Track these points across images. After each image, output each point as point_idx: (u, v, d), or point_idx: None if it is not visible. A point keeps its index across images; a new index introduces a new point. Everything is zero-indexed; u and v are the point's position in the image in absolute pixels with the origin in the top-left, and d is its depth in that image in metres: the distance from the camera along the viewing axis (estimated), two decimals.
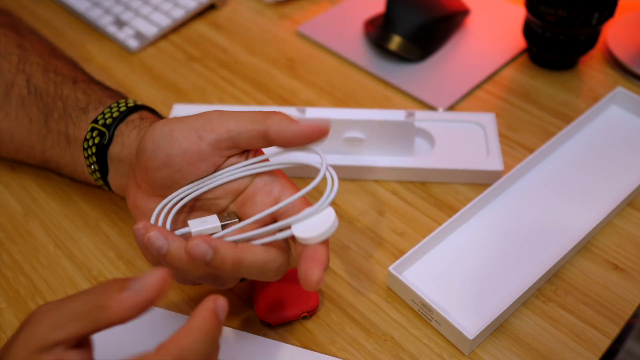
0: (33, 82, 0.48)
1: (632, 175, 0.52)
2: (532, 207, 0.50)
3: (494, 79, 0.63)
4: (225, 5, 0.74)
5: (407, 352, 0.42)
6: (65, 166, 0.48)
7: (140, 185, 0.40)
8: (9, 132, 0.48)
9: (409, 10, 0.63)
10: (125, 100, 0.46)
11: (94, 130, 0.44)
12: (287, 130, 0.38)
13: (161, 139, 0.38)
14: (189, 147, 0.38)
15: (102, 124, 0.44)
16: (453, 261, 0.46)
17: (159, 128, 0.39)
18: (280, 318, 0.43)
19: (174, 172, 0.39)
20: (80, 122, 0.45)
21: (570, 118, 0.57)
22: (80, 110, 0.46)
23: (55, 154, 0.47)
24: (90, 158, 0.45)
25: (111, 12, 0.71)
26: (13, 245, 0.49)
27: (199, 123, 0.38)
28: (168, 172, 0.39)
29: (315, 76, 0.64)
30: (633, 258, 0.47)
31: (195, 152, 0.38)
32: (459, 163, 0.52)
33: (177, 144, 0.38)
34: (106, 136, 0.44)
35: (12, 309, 0.45)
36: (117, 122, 0.44)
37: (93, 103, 0.46)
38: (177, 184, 0.39)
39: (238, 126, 0.38)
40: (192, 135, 0.38)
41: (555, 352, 0.42)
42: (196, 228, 0.38)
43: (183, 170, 0.39)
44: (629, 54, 0.62)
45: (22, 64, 0.49)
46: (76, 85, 0.48)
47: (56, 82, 0.48)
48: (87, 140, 0.44)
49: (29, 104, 0.48)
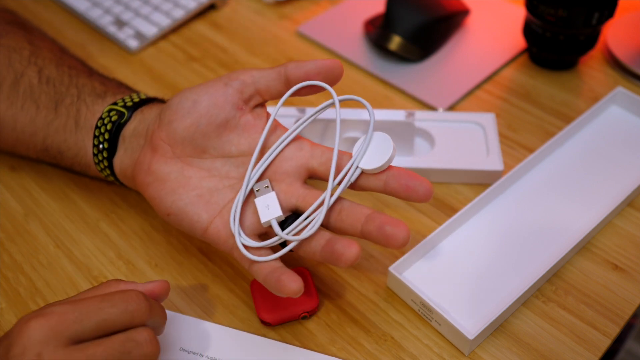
0: (45, 73, 0.49)
1: (632, 175, 0.52)
2: (532, 207, 0.50)
3: (494, 79, 0.63)
4: (225, 5, 0.74)
5: (407, 352, 0.42)
6: (66, 150, 0.48)
7: (157, 148, 0.42)
8: (11, 119, 0.49)
9: (409, 10, 0.63)
10: (145, 94, 0.48)
11: (111, 110, 0.46)
12: (303, 67, 0.41)
13: (189, 92, 0.42)
14: (215, 91, 0.41)
15: (121, 106, 0.46)
16: (453, 261, 0.46)
17: (186, 89, 0.43)
18: (280, 318, 0.43)
19: (200, 116, 0.41)
20: (95, 106, 0.47)
21: (570, 118, 0.57)
22: (97, 96, 0.48)
23: (58, 140, 0.48)
24: (102, 136, 0.45)
25: (111, 12, 0.71)
26: (13, 245, 0.49)
27: (225, 76, 0.42)
28: (194, 118, 0.41)
29: None
30: (633, 258, 0.47)
31: (221, 94, 0.41)
32: (459, 163, 0.52)
33: (204, 90, 0.41)
34: (125, 115, 0.45)
35: (12, 309, 0.45)
36: (138, 105, 0.46)
37: (111, 91, 0.48)
38: (200, 133, 0.41)
39: (260, 72, 0.42)
40: (218, 83, 0.42)
41: (555, 352, 0.42)
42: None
43: (209, 114, 0.41)
44: (629, 54, 0.62)
45: (33, 58, 0.50)
46: (92, 78, 0.49)
47: (71, 74, 0.49)
48: (103, 119, 0.46)
49: (38, 93, 0.48)
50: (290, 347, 0.42)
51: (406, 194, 0.38)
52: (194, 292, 0.46)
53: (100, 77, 0.50)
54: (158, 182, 0.41)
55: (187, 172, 0.41)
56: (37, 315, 0.33)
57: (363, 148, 0.39)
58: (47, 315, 0.33)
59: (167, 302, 0.45)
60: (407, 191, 0.38)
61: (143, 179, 0.42)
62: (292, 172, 0.41)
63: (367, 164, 0.39)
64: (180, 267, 0.47)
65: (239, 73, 0.42)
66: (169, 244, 0.49)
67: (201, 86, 0.42)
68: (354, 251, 0.36)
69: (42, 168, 0.54)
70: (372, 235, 0.37)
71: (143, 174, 0.42)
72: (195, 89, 0.42)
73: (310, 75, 0.41)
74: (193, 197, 0.41)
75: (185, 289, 0.46)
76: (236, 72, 0.42)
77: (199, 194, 0.41)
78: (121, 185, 0.48)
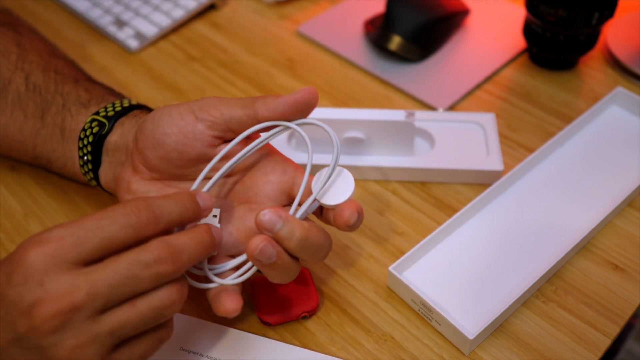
0: (32, 80, 0.48)
1: (632, 175, 0.52)
2: (532, 207, 0.50)
3: (494, 79, 0.63)
4: (225, 5, 0.74)
5: (407, 352, 0.42)
6: (55, 160, 0.48)
7: (137, 168, 0.41)
8: (2, 128, 0.48)
9: (409, 10, 0.63)
10: (129, 100, 0.47)
11: (93, 121, 0.45)
12: (275, 108, 0.39)
13: (159, 118, 0.40)
14: (184, 126, 0.39)
15: (103, 116, 0.45)
16: (453, 261, 0.46)
17: (159, 110, 0.40)
18: (280, 318, 0.43)
19: (170, 150, 0.39)
20: (79, 116, 0.46)
21: (570, 118, 0.57)
22: (81, 105, 0.47)
23: (47, 149, 0.47)
24: (85, 148, 0.45)
25: (111, 12, 0.71)
26: (13, 245, 0.49)
27: (196, 106, 0.40)
28: (164, 151, 0.39)
29: (315, 76, 0.64)
30: (633, 258, 0.47)
31: (191, 130, 0.39)
32: (459, 163, 0.52)
33: (174, 122, 0.39)
34: (106, 126, 0.44)
35: None
36: (119, 115, 0.45)
37: (95, 99, 0.47)
38: (173, 165, 0.40)
39: (230, 111, 0.39)
40: (189, 115, 0.39)
41: (555, 352, 0.42)
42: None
43: (179, 149, 0.39)
44: (629, 54, 0.62)
45: (20, 62, 0.49)
46: (78, 84, 0.48)
47: (57, 80, 0.48)
48: (85, 131, 0.45)
49: (26, 100, 0.48)
50: (290, 347, 0.42)
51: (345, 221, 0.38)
52: (194, 292, 0.46)
53: (86, 82, 0.49)
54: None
55: (167, 190, 0.41)
56: (35, 243, 0.31)
57: (322, 182, 0.38)
58: (45, 243, 0.31)
59: None
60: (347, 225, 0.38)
61: (123, 196, 0.42)
62: (274, 196, 0.41)
63: (328, 199, 0.38)
64: None
65: (209, 106, 0.40)
66: None
67: (173, 115, 0.39)
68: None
69: (35, 165, 0.54)
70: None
71: (123, 191, 0.42)
72: (167, 118, 0.39)
73: (286, 114, 0.39)
74: None
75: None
76: (206, 104, 0.40)
77: None
78: (110, 194, 0.47)
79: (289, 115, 0.39)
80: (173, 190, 0.41)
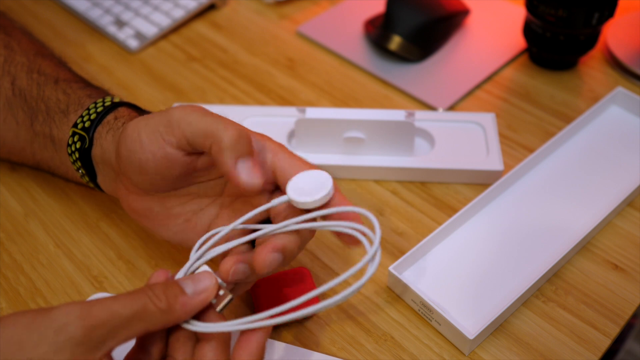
0: (17, 84, 0.48)
1: (632, 175, 0.52)
2: (532, 207, 0.50)
3: (494, 79, 0.63)
4: (225, 5, 0.74)
5: (407, 352, 0.42)
6: (56, 169, 0.48)
7: (129, 188, 0.40)
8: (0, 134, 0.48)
9: (409, 10, 0.63)
10: (102, 100, 0.45)
11: (75, 134, 0.44)
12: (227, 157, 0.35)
13: (132, 144, 0.38)
14: (157, 151, 0.37)
15: (81, 128, 0.43)
16: (453, 261, 0.46)
17: (130, 132, 0.38)
18: None
19: (153, 175, 0.38)
20: (63, 126, 0.45)
21: (570, 118, 0.57)
22: (62, 113, 0.45)
23: (45, 157, 0.47)
24: (76, 163, 0.44)
25: (111, 12, 0.71)
26: (13, 245, 0.49)
27: (162, 125, 0.37)
28: (147, 177, 0.38)
29: (315, 76, 0.64)
30: (633, 258, 0.47)
31: (163, 156, 0.37)
32: (459, 163, 0.52)
33: (146, 148, 0.37)
34: (86, 140, 0.43)
35: (12, 309, 0.45)
36: (95, 125, 0.43)
37: (73, 105, 0.45)
38: (162, 186, 0.39)
39: (194, 132, 0.36)
40: (157, 138, 0.37)
41: (555, 352, 0.42)
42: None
43: (160, 173, 0.38)
44: (629, 54, 0.62)
45: (7, 65, 0.48)
46: (57, 86, 0.47)
47: (39, 82, 0.47)
48: (70, 146, 0.44)
49: (16, 107, 0.47)
50: (291, 347, 0.42)
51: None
52: None
53: (65, 84, 0.47)
54: (144, 218, 0.41)
55: (168, 203, 0.40)
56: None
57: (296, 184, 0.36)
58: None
59: None
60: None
61: (130, 213, 0.42)
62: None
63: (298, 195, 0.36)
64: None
65: (174, 125, 0.36)
66: (169, 244, 0.49)
67: (143, 139, 0.37)
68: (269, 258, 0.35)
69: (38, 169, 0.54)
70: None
71: (127, 209, 0.42)
72: (137, 144, 0.37)
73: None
74: (181, 224, 0.41)
75: None
76: (171, 123, 0.37)
77: (185, 219, 0.41)
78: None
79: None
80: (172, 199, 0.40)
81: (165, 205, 0.40)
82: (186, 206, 0.41)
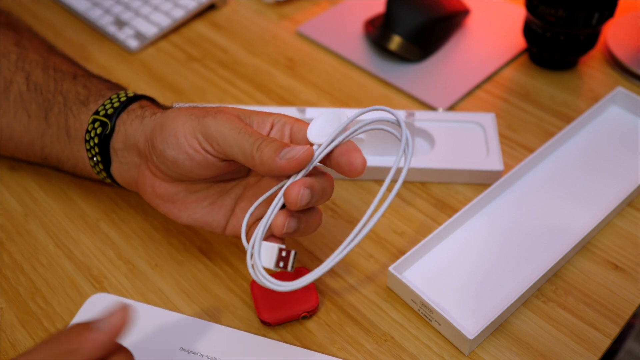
0: (33, 79, 0.48)
1: (632, 175, 0.52)
2: (532, 207, 0.50)
3: (494, 79, 0.63)
4: (225, 5, 0.74)
5: (407, 352, 0.42)
6: (66, 161, 0.48)
7: (155, 174, 0.42)
8: (7, 129, 0.48)
9: (409, 10, 0.63)
10: (124, 92, 0.46)
11: (95, 121, 0.45)
12: (271, 170, 0.37)
13: (168, 139, 0.39)
14: (194, 154, 0.39)
15: (103, 115, 0.45)
16: (453, 261, 0.46)
17: (166, 127, 0.40)
18: (280, 318, 0.43)
19: (186, 171, 0.40)
20: (81, 115, 0.46)
21: (570, 118, 0.57)
22: (81, 103, 0.46)
23: (55, 150, 0.47)
24: (93, 150, 0.45)
25: (111, 12, 0.71)
26: (13, 245, 0.49)
27: (200, 133, 0.38)
28: (181, 171, 0.40)
29: (315, 76, 0.64)
30: (633, 258, 0.47)
31: (202, 159, 0.39)
32: (459, 163, 0.52)
33: (183, 149, 0.39)
34: (108, 126, 0.44)
35: (12, 309, 0.45)
36: (118, 112, 0.44)
37: (93, 96, 0.47)
38: (192, 180, 0.41)
39: (232, 154, 0.38)
40: (195, 143, 0.39)
41: (555, 352, 0.42)
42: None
43: (194, 172, 0.40)
44: (629, 54, 0.62)
45: (21, 62, 0.49)
46: (76, 80, 0.48)
47: (56, 78, 0.48)
48: (89, 132, 0.45)
49: (28, 100, 0.48)
50: (290, 347, 0.42)
51: (349, 169, 0.37)
52: (194, 292, 0.46)
53: (84, 78, 0.49)
54: (168, 203, 0.42)
55: (194, 188, 0.42)
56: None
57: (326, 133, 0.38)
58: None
59: (168, 302, 0.45)
60: (350, 167, 0.37)
61: (151, 200, 0.43)
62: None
63: (317, 137, 0.38)
64: (180, 267, 0.47)
65: (212, 138, 0.38)
66: (169, 244, 0.49)
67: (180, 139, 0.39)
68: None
69: (42, 168, 0.54)
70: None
71: (149, 196, 0.43)
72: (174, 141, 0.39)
73: (280, 174, 0.37)
74: (206, 206, 0.42)
75: (185, 289, 0.46)
76: (209, 134, 0.38)
77: (210, 202, 0.42)
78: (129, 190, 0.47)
79: (282, 175, 0.38)
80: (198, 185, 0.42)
81: (191, 190, 0.42)
82: (211, 190, 0.42)
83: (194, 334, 0.43)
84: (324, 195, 0.38)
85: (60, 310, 0.45)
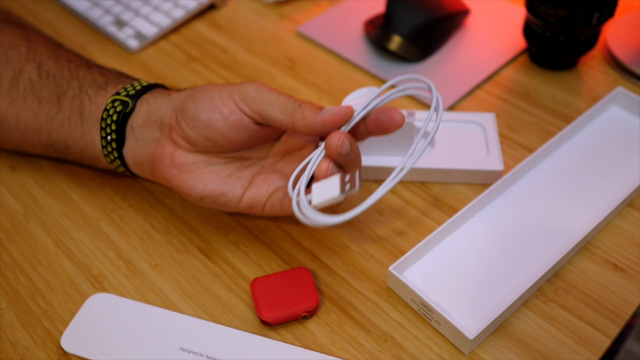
0: (45, 69, 0.49)
1: (632, 175, 0.52)
2: (532, 207, 0.50)
3: (494, 79, 0.63)
4: (225, 5, 0.74)
5: (407, 352, 0.42)
6: (73, 145, 0.48)
7: (178, 143, 0.42)
8: (14, 117, 0.48)
9: (409, 10, 0.63)
10: (145, 81, 0.48)
11: (115, 101, 0.46)
12: (312, 124, 0.40)
13: (202, 102, 0.41)
14: (229, 115, 0.41)
15: (124, 95, 0.46)
16: (453, 261, 0.46)
17: (198, 92, 0.42)
18: (280, 318, 0.43)
19: (217, 135, 0.41)
20: (98, 98, 0.47)
21: (570, 118, 0.57)
22: (99, 87, 0.47)
23: (64, 134, 0.48)
24: (109, 128, 0.45)
25: (111, 12, 0.71)
26: (13, 245, 0.49)
27: (237, 94, 0.41)
28: (211, 134, 0.41)
29: (315, 76, 0.64)
30: (633, 258, 0.47)
31: (237, 120, 0.41)
32: (459, 163, 0.52)
33: (217, 108, 0.41)
34: (129, 105, 0.45)
35: (12, 309, 0.45)
36: (140, 93, 0.46)
37: (112, 82, 0.48)
38: (219, 146, 0.42)
39: (270, 113, 0.40)
40: (231, 104, 0.41)
41: (555, 352, 0.42)
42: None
43: (226, 135, 0.41)
44: (629, 54, 0.62)
45: (31, 54, 0.50)
46: (92, 69, 0.49)
47: (70, 68, 0.49)
48: (107, 110, 0.45)
49: (39, 88, 0.48)
50: (290, 347, 0.42)
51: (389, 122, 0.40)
52: (194, 292, 0.46)
53: (100, 68, 0.50)
54: (185, 172, 0.43)
55: (213, 160, 0.43)
56: None
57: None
58: None
59: (168, 302, 0.45)
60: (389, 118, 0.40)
61: (166, 171, 0.43)
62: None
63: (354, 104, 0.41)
64: (180, 267, 0.47)
65: (249, 100, 0.40)
66: (169, 244, 0.49)
67: (215, 100, 0.41)
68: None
69: (42, 168, 0.54)
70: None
71: (165, 167, 0.43)
72: (209, 102, 0.41)
73: (320, 131, 0.40)
74: (224, 177, 0.43)
75: (185, 289, 0.46)
76: (246, 95, 0.40)
77: (228, 174, 0.43)
78: (131, 175, 0.48)
79: (323, 132, 0.40)
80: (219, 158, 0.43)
81: (210, 162, 0.43)
82: (230, 165, 0.44)
83: (194, 334, 0.43)
84: (356, 159, 0.41)
85: (60, 310, 0.45)
